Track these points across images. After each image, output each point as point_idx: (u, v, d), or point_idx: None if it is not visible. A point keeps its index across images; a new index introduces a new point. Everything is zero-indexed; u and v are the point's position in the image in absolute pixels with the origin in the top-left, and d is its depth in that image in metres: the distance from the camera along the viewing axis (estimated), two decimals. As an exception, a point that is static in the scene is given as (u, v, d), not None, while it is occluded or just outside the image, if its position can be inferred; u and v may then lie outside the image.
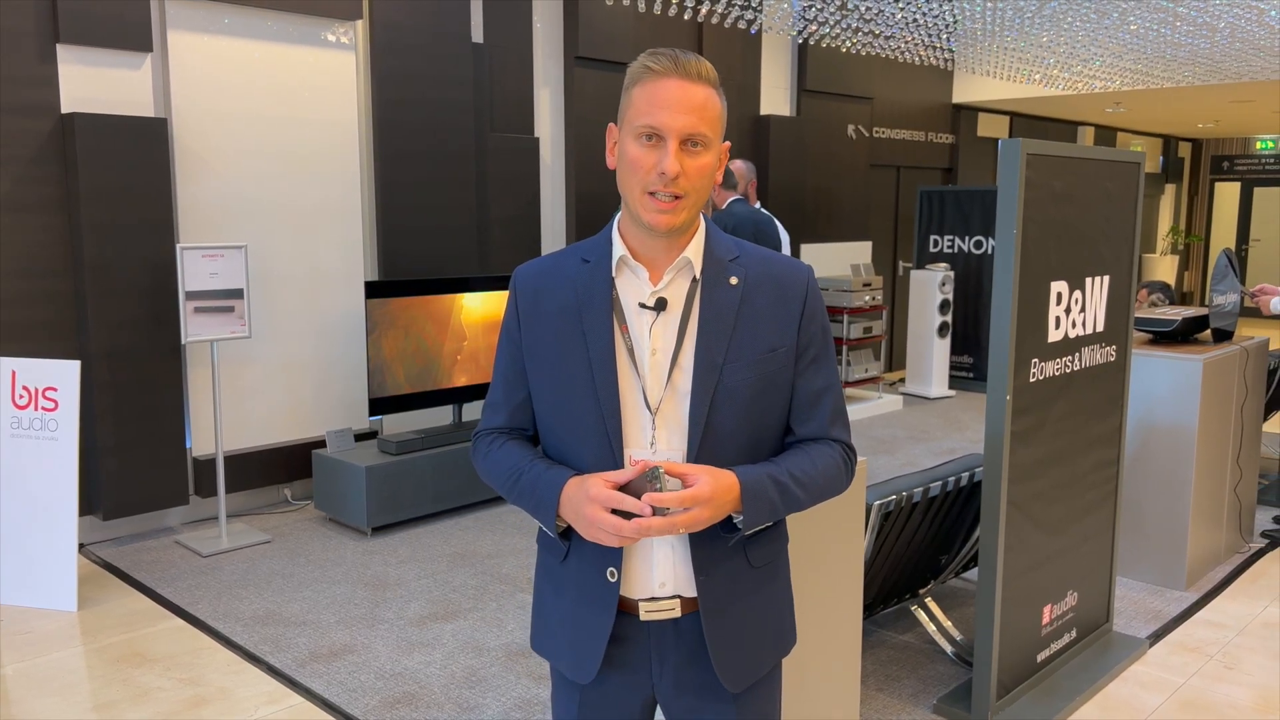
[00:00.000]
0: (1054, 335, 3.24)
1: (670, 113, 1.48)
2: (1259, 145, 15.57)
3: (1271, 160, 15.49)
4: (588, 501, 1.49)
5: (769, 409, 1.60)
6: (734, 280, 1.59)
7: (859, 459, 2.68)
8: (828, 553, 2.64)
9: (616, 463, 1.56)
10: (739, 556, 1.62)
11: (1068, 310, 3.29)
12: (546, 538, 1.69)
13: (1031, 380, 3.15)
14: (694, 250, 1.59)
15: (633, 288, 1.59)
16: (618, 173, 1.57)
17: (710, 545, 1.59)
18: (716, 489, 1.48)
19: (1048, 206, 3.14)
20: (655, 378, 1.56)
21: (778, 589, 1.70)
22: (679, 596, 1.60)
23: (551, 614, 1.70)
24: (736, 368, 1.56)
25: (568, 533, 1.62)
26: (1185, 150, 15.94)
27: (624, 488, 1.49)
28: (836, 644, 2.74)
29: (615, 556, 1.59)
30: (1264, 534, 5.09)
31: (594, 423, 1.57)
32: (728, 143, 1.61)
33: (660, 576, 1.59)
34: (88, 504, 4.81)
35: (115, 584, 4.39)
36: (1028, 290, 3.10)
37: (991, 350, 3.07)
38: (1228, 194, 16.00)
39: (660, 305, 1.57)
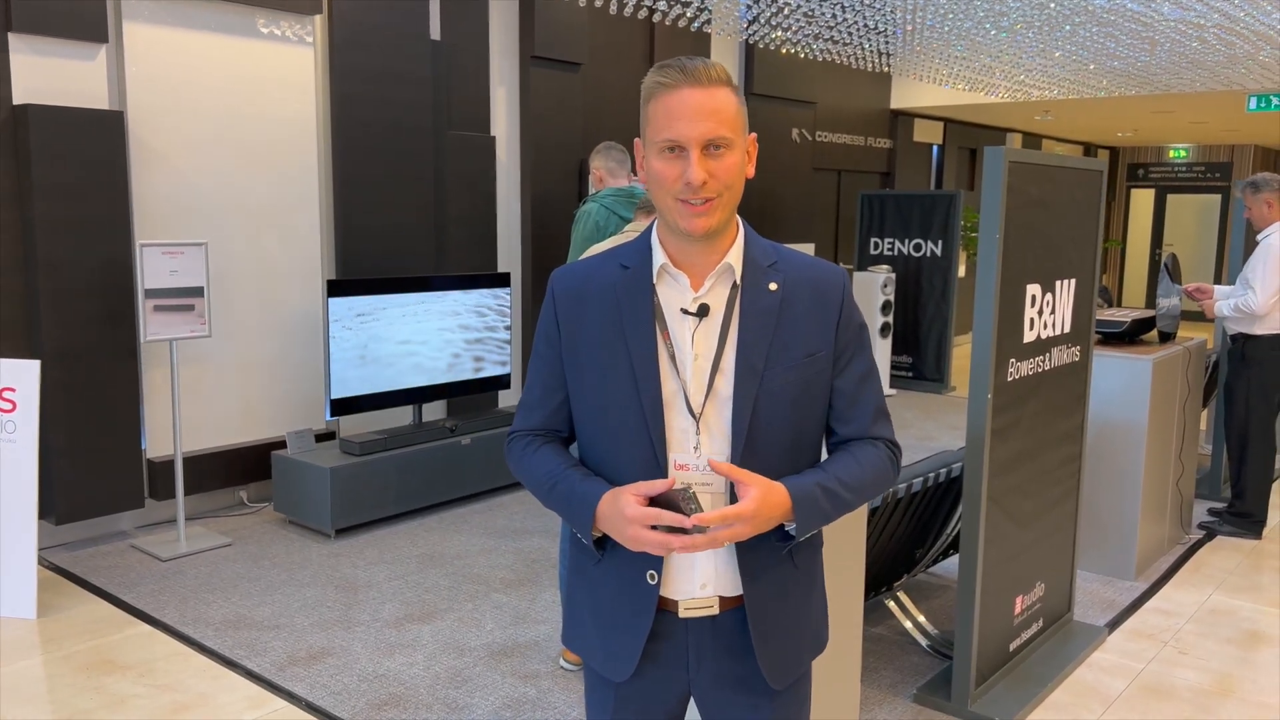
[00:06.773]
0: (1028, 336, 3.37)
1: (687, 123, 1.48)
2: (1172, 154, 16.25)
3: (1184, 168, 16.18)
4: (626, 522, 1.50)
5: (809, 412, 1.63)
6: (773, 286, 1.60)
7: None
8: (834, 550, 2.71)
9: (660, 467, 1.57)
10: (785, 559, 1.64)
11: (1040, 312, 3.43)
12: (580, 539, 1.69)
13: (1009, 379, 3.28)
14: (734, 256, 1.60)
15: (674, 294, 1.60)
16: (648, 185, 1.57)
17: (758, 550, 1.61)
18: (763, 504, 1.49)
19: (1024, 212, 3.27)
20: (697, 383, 1.57)
21: (816, 589, 1.74)
22: (718, 596, 1.62)
23: (585, 612, 1.71)
24: (777, 372, 1.58)
25: (602, 540, 1.63)
26: (1104, 158, 16.56)
27: (658, 500, 1.50)
28: (840, 642, 2.81)
29: (655, 560, 1.60)
30: (1200, 525, 5.34)
31: (637, 428, 1.57)
32: (754, 134, 1.60)
33: (701, 578, 1.61)
34: (40, 508, 4.65)
35: (73, 590, 4.26)
36: (1006, 293, 3.22)
37: (974, 351, 3.19)
38: (1143, 200, 16.67)
39: (703, 311, 1.58)
